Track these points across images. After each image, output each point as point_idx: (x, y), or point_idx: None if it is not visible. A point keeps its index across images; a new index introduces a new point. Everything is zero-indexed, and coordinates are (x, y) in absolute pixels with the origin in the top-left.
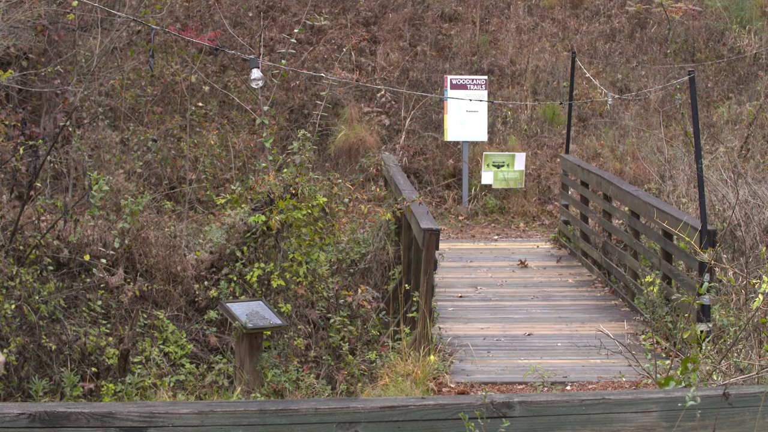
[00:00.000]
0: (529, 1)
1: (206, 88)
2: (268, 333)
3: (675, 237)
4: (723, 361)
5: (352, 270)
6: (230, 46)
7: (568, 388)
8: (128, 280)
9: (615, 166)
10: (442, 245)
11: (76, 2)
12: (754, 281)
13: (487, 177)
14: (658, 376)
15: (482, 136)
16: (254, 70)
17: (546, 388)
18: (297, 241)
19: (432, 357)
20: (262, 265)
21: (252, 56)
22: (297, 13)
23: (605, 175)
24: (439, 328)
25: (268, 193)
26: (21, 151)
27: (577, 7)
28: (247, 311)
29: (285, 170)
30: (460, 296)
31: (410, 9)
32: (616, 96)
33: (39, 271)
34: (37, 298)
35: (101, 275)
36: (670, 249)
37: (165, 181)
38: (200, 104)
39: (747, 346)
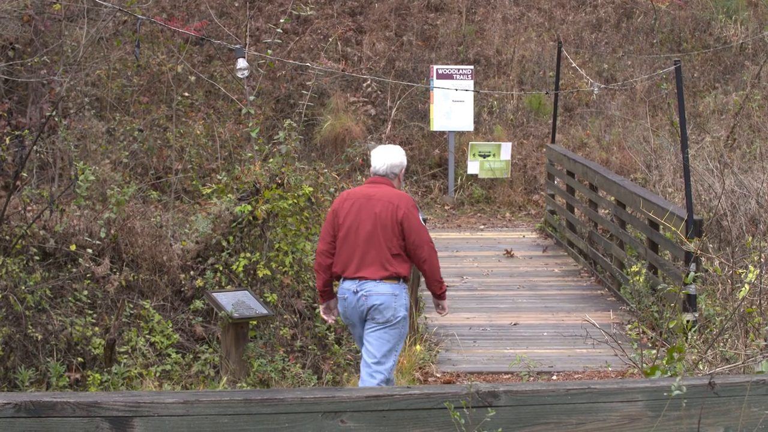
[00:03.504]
0: None
1: (192, 78)
2: (254, 323)
3: (661, 227)
4: (709, 350)
5: None
6: (216, 36)
7: (554, 377)
8: (114, 270)
9: (601, 155)
10: None
11: None
12: (740, 271)
13: (473, 167)
14: (644, 365)
15: (468, 125)
16: (240, 60)
17: (532, 378)
18: (283, 230)
19: (418, 347)
20: (248, 254)
21: (238, 46)
22: (283, 3)
23: (591, 165)
24: (425, 318)
25: (254, 183)
26: (7, 141)
27: None
28: (233, 301)
29: (271, 160)
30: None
31: None
32: (602, 86)
33: (25, 261)
34: (23, 288)
35: (87, 265)
36: (656, 239)
37: (151, 171)
38: (186, 94)
39: (733, 336)
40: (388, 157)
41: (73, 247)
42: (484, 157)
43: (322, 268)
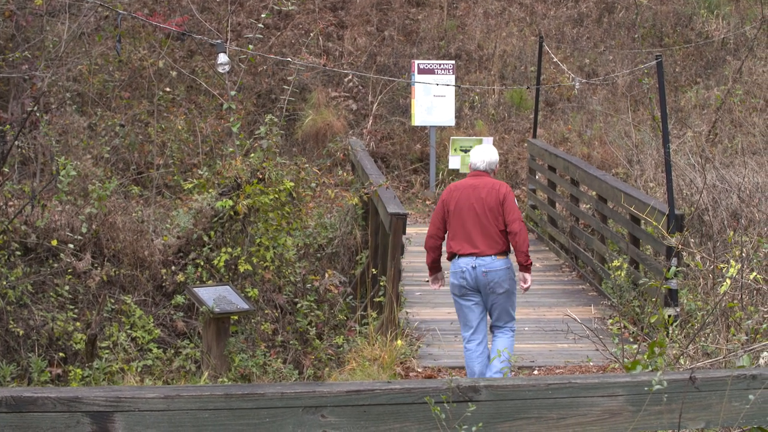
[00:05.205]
0: None
1: (174, 73)
2: (235, 318)
3: (642, 221)
4: (690, 345)
5: (319, 255)
6: (198, 31)
7: (536, 372)
8: (95, 265)
9: (582, 150)
10: (409, 230)
11: None
12: (722, 266)
13: (455, 161)
14: (625, 360)
15: (449, 120)
16: (221, 55)
17: (513, 373)
18: (264, 225)
19: (399, 341)
20: (229, 249)
21: (219, 41)
22: None
23: (573, 160)
24: (406, 313)
25: (235, 178)
26: None
27: None
28: (214, 296)
29: (252, 155)
30: (427, 281)
31: None
32: (584, 80)
33: (6, 257)
34: (4, 283)
35: (69, 260)
36: (637, 233)
37: (132, 166)
38: (168, 89)
39: (714, 331)
40: (486, 155)
41: (54, 243)
42: (466, 151)
43: (432, 249)
